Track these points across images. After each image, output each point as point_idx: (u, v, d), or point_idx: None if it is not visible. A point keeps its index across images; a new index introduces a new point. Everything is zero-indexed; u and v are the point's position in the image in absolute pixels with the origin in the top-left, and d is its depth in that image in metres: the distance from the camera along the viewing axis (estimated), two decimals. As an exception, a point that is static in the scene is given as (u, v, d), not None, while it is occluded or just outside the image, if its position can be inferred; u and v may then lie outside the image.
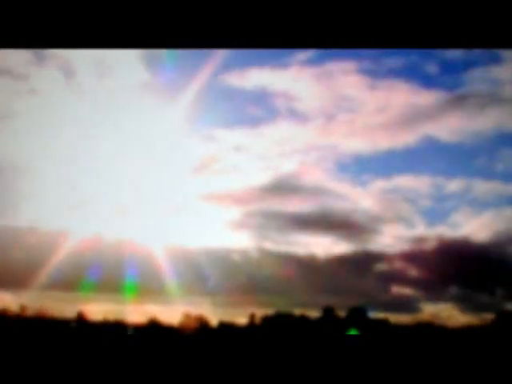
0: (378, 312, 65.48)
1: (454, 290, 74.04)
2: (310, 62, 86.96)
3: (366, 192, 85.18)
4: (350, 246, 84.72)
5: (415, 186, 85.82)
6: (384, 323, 62.81)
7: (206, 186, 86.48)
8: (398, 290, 76.67)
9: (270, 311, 65.60)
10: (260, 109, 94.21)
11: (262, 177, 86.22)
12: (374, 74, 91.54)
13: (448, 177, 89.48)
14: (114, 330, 56.42)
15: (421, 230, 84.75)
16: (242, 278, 68.43)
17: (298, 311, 65.88)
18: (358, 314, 63.77)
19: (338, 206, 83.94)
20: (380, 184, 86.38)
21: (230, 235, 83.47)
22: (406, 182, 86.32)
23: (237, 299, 66.08)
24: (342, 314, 65.06)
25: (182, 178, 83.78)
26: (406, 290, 76.70)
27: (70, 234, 67.37)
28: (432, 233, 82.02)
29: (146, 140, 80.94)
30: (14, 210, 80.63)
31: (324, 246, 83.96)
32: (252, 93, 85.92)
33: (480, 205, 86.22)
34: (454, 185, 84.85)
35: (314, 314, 65.19)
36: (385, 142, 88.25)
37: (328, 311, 64.31)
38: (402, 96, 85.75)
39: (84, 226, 71.69)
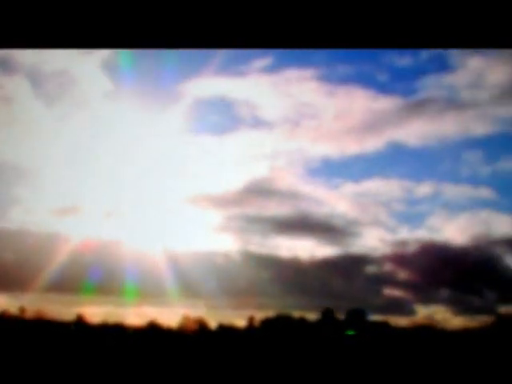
0: (372, 314, 65.76)
1: (443, 292, 74.97)
2: (268, 70, 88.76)
3: (340, 196, 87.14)
4: (334, 249, 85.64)
5: (386, 189, 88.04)
6: (384, 325, 62.79)
7: (183, 190, 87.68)
8: (388, 292, 77.29)
9: (268, 314, 65.68)
10: (224, 116, 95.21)
11: (236, 182, 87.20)
12: (331, 81, 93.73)
13: (417, 181, 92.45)
14: (114, 332, 56.36)
15: (401, 233, 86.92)
16: (232, 281, 68.70)
17: (296, 314, 65.97)
18: (357, 316, 63.71)
19: (314, 209, 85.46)
20: (351, 188, 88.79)
21: (213, 238, 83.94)
22: (376, 185, 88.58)
23: (230, 302, 66.51)
24: (339, 316, 65.13)
25: (157, 183, 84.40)
26: (396, 293, 77.33)
27: (59, 236, 68.23)
28: (412, 236, 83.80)
29: (116, 147, 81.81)
30: (5, 212, 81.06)
31: (307, 249, 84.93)
32: (213, 100, 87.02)
33: (453, 208, 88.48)
34: (423, 188, 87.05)
35: (311, 316, 65.29)
36: (352, 146, 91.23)
37: (327, 313, 64.26)
38: (362, 102, 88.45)
39: (69, 230, 72.81)
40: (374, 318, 65.09)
